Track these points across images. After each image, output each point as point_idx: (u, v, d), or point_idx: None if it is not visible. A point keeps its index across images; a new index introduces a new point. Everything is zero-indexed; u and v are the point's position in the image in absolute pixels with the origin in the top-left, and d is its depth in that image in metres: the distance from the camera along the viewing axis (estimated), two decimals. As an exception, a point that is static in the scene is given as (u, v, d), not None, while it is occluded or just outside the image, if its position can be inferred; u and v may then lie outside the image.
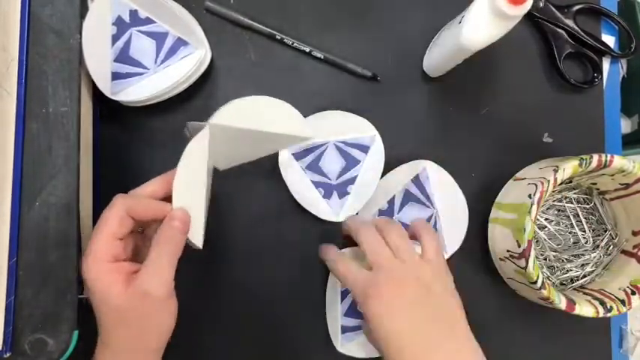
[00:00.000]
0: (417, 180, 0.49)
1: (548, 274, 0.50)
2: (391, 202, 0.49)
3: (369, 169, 0.48)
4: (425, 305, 0.38)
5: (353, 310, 0.48)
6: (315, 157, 0.47)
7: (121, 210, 0.35)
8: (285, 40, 0.49)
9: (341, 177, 0.47)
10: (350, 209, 0.47)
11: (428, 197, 0.49)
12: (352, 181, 0.47)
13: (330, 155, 0.47)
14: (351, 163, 0.47)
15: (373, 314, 0.37)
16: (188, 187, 0.37)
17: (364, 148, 0.48)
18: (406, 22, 0.52)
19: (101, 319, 0.34)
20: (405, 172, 0.49)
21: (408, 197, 0.49)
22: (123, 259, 0.35)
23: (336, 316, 0.47)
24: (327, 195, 0.47)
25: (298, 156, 0.47)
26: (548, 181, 0.42)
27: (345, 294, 0.48)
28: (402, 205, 0.49)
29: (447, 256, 0.49)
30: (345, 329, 0.48)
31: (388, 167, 0.50)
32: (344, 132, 0.48)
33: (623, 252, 0.49)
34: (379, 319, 0.37)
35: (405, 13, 0.52)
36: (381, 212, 0.49)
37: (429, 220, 0.49)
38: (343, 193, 0.47)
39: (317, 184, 0.47)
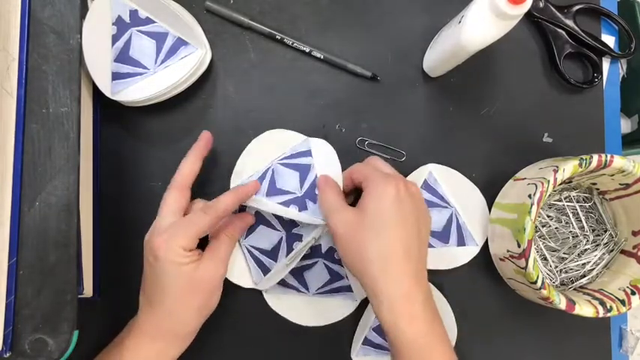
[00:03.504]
0: (426, 185, 0.49)
1: (548, 274, 0.50)
2: None
3: (325, 165, 0.46)
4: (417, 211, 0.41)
5: (381, 330, 0.48)
6: (269, 182, 0.46)
7: (214, 219, 0.41)
8: (285, 40, 0.49)
9: (304, 185, 0.46)
10: None
11: (442, 198, 0.49)
12: (315, 184, 0.46)
13: (281, 174, 0.46)
14: (303, 169, 0.46)
15: (394, 196, 0.39)
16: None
17: (306, 154, 0.46)
18: (406, 22, 0.52)
19: (161, 287, 0.40)
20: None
21: None
22: (194, 247, 0.41)
23: (366, 325, 0.48)
24: (301, 208, 0.45)
25: None
26: (548, 181, 0.42)
27: None
28: None
29: (477, 248, 0.50)
30: (367, 341, 0.48)
31: (388, 167, 0.50)
32: (281, 149, 0.48)
33: (623, 252, 0.49)
34: (401, 202, 0.39)
35: (405, 13, 0.52)
36: None
37: (450, 219, 0.49)
38: (315, 198, 0.45)
39: (287, 203, 0.45)
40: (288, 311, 0.48)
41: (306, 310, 0.48)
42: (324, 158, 0.47)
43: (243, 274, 0.47)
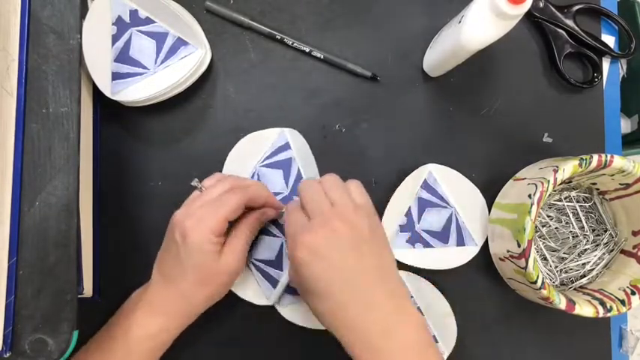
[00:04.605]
0: (426, 185, 0.49)
1: (548, 274, 0.50)
2: (408, 214, 0.49)
3: (303, 156, 0.47)
4: (356, 249, 0.37)
5: None
6: None
7: (242, 200, 0.40)
8: (285, 40, 0.49)
9: (289, 182, 0.47)
10: None
11: (442, 198, 0.49)
12: (299, 176, 0.47)
13: (266, 177, 0.47)
14: (285, 165, 0.47)
15: (299, 261, 0.36)
16: None
17: (285, 147, 0.47)
18: (406, 22, 0.52)
19: (181, 268, 0.40)
20: (412, 182, 0.49)
21: (423, 204, 0.49)
22: (223, 234, 0.41)
23: None
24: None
25: None
26: (548, 181, 0.42)
27: None
28: (419, 214, 0.49)
29: (477, 248, 0.49)
30: None
31: (388, 167, 0.50)
32: (261, 150, 0.48)
33: (623, 252, 0.49)
34: (305, 266, 0.36)
35: (405, 13, 0.52)
36: (401, 227, 0.49)
37: (449, 219, 0.49)
38: None
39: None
40: (305, 320, 0.47)
41: None
42: (301, 149, 0.48)
43: (256, 293, 0.47)
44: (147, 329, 0.41)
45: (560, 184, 0.48)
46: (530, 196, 0.43)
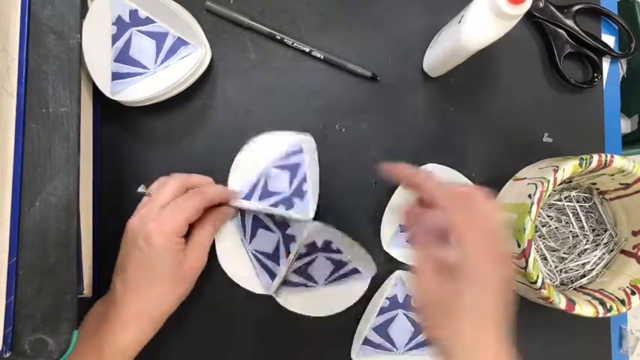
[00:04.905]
0: None
1: (548, 274, 0.50)
2: None
3: (311, 164, 0.48)
4: None
5: (383, 330, 0.48)
6: (261, 187, 0.47)
7: (202, 203, 0.43)
8: (285, 40, 0.49)
9: (292, 184, 0.47)
10: (315, 202, 0.47)
11: None
12: (304, 179, 0.47)
13: (274, 177, 0.47)
14: (294, 168, 0.47)
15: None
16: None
17: (298, 151, 0.48)
18: (406, 22, 0.52)
19: (153, 274, 0.41)
20: None
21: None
22: (184, 234, 0.42)
23: (366, 325, 0.48)
24: (288, 207, 0.47)
25: (247, 196, 0.47)
26: (548, 181, 0.42)
27: (384, 310, 0.48)
28: None
29: None
30: (367, 341, 0.48)
31: (388, 167, 0.50)
32: (277, 152, 0.48)
33: (623, 252, 0.49)
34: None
35: (405, 13, 0.52)
36: (401, 227, 0.49)
37: None
38: (302, 194, 0.47)
39: (277, 204, 0.47)
40: (303, 307, 0.48)
41: (321, 300, 0.48)
42: (312, 157, 0.48)
43: (254, 281, 0.48)
44: (119, 345, 0.40)
45: (560, 184, 0.48)
46: (530, 196, 0.43)
